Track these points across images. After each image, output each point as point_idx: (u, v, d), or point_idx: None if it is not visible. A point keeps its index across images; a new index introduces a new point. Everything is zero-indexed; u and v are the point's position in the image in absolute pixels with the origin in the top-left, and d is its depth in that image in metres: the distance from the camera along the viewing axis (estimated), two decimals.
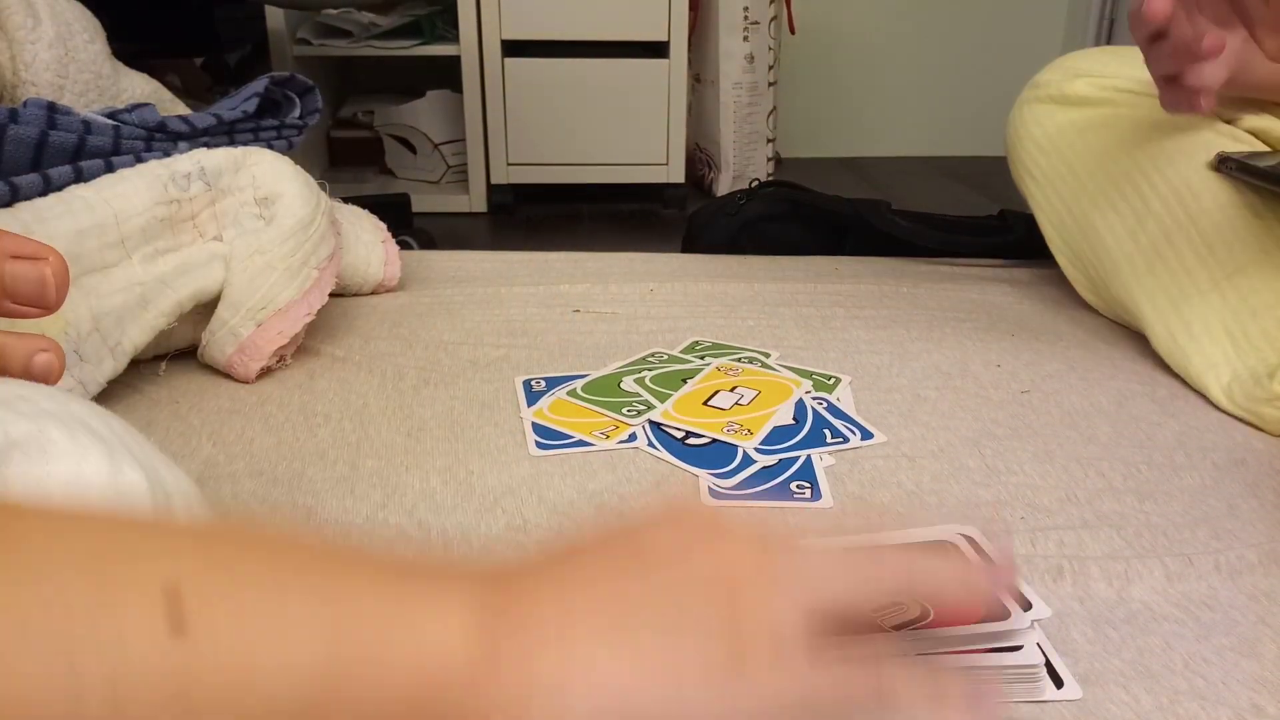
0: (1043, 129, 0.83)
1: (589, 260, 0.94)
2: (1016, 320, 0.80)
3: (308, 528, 0.26)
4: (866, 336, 0.75)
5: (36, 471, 0.30)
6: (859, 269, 0.93)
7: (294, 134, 0.78)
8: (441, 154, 2.26)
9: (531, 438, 0.59)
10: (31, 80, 0.72)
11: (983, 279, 0.90)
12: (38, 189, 0.60)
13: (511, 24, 2.04)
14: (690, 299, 0.83)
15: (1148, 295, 0.72)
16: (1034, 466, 0.56)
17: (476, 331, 0.76)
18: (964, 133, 2.80)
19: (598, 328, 0.77)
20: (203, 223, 0.66)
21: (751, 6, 2.18)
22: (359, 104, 2.37)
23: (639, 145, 2.17)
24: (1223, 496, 0.53)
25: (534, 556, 0.29)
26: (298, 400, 0.64)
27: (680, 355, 0.71)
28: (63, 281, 0.39)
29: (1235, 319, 0.67)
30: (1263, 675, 0.39)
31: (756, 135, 2.29)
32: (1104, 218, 0.77)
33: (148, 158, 0.66)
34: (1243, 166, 0.68)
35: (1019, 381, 0.68)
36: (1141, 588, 0.45)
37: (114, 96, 0.78)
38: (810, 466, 0.55)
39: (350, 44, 2.10)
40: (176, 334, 0.67)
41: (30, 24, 0.72)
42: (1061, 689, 0.38)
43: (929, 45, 2.73)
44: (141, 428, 0.51)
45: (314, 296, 0.68)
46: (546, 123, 2.13)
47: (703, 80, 2.31)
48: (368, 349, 0.72)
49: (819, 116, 2.77)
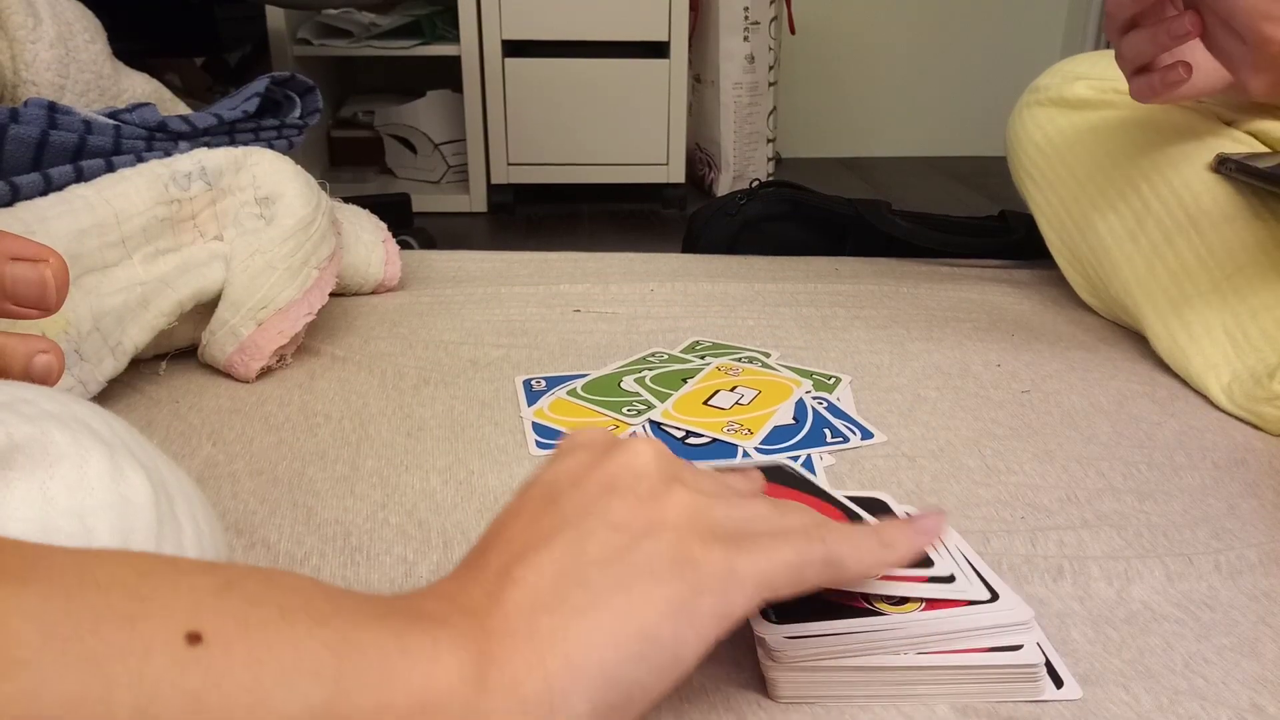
0: (1043, 132, 0.83)
1: (589, 260, 0.94)
2: (1016, 320, 0.80)
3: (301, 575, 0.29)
4: (866, 336, 0.75)
5: (39, 474, 0.30)
6: (859, 269, 0.93)
7: (294, 134, 0.78)
8: (441, 154, 2.26)
9: (532, 437, 0.59)
10: (32, 80, 0.72)
11: (983, 279, 0.91)
12: (38, 188, 0.60)
13: (511, 24, 2.05)
14: (690, 299, 0.83)
15: (1148, 296, 0.72)
16: (1034, 466, 0.56)
17: (476, 331, 0.76)
18: (964, 133, 2.80)
19: (598, 327, 0.77)
20: (203, 222, 0.66)
21: (751, 6, 2.18)
22: (359, 104, 2.38)
23: (639, 145, 2.17)
24: (1223, 496, 0.53)
25: (480, 554, 0.32)
26: (298, 400, 0.64)
27: (680, 355, 0.71)
28: (63, 283, 0.39)
29: (1235, 319, 0.67)
30: (1263, 675, 0.39)
31: (756, 135, 2.29)
32: (1104, 219, 0.77)
33: (148, 157, 0.66)
34: (1243, 167, 0.68)
35: (1019, 381, 0.68)
36: (1141, 587, 0.45)
37: (115, 96, 0.78)
38: (810, 466, 0.55)
39: (350, 44, 2.10)
40: (177, 333, 0.67)
41: (31, 24, 0.72)
42: (1061, 689, 0.38)
43: (929, 45, 2.74)
44: (141, 427, 0.51)
45: (314, 296, 0.68)
46: (546, 123, 2.13)
47: (703, 80, 2.32)
48: (368, 349, 0.72)
49: (819, 116, 2.77)
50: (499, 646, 0.28)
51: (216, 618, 0.24)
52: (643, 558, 0.31)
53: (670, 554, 0.31)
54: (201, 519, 0.34)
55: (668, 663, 0.30)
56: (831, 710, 0.37)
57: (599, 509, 0.32)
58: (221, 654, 0.24)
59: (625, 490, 0.33)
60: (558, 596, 0.30)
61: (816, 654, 0.36)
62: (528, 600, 0.30)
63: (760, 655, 0.37)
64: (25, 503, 0.29)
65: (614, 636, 0.29)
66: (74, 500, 0.30)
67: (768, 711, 0.37)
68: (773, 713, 0.37)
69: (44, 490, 0.29)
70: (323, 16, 2.10)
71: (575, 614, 0.29)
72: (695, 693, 0.38)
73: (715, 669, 0.39)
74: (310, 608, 0.26)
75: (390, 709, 0.26)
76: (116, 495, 0.31)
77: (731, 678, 0.38)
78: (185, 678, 0.23)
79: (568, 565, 0.31)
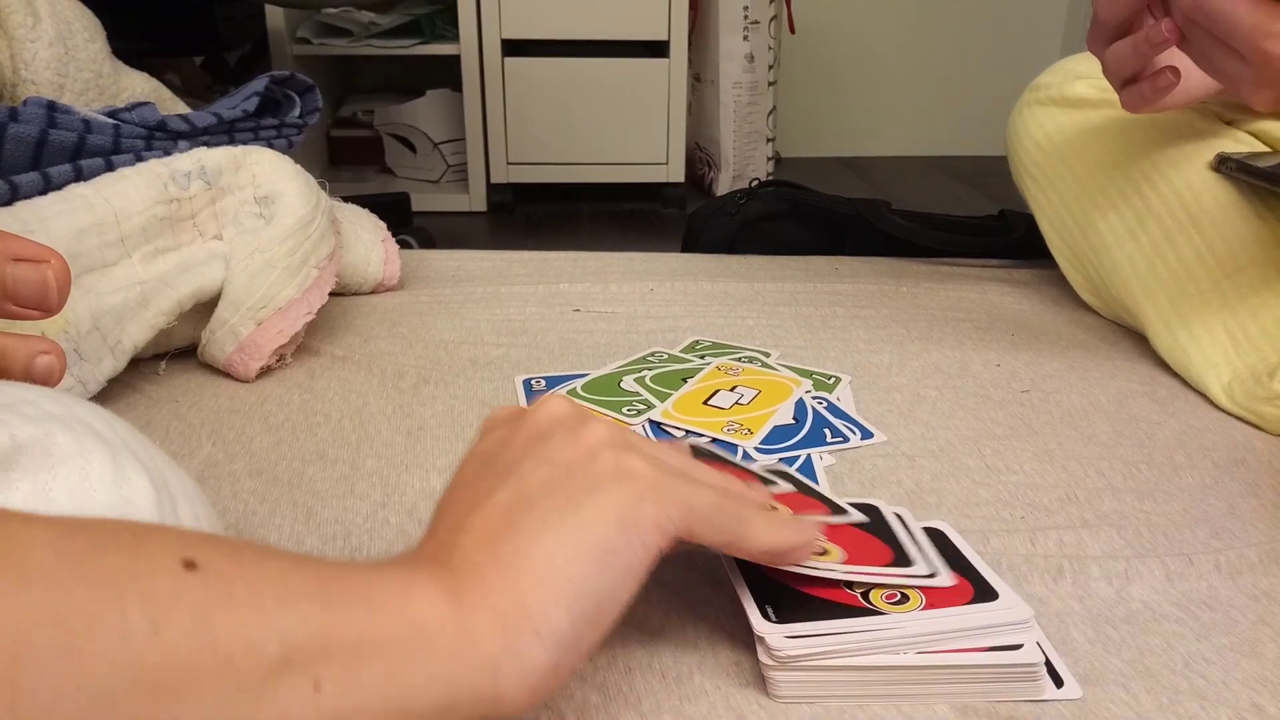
0: (1044, 131, 0.83)
1: (589, 259, 0.94)
2: (1016, 320, 0.80)
3: None
4: (866, 336, 0.75)
5: (42, 475, 0.30)
6: (859, 269, 0.93)
7: (294, 133, 0.78)
8: (441, 153, 2.26)
9: None
10: (31, 79, 0.72)
11: (983, 279, 0.91)
12: (37, 188, 0.60)
13: (511, 23, 2.04)
14: (690, 298, 0.83)
15: (1148, 295, 0.72)
16: (1034, 466, 0.56)
17: (476, 331, 0.76)
18: (964, 133, 2.80)
19: (598, 327, 0.77)
20: (203, 221, 0.66)
21: (751, 6, 2.18)
22: (359, 103, 2.37)
23: (639, 145, 2.17)
24: (1223, 496, 0.53)
25: (430, 530, 0.34)
26: (298, 399, 0.64)
27: (680, 354, 0.71)
28: (64, 284, 0.39)
29: (1235, 318, 0.67)
30: (1263, 674, 0.39)
31: (756, 135, 2.29)
32: (1104, 218, 0.77)
33: (148, 156, 0.66)
34: (1243, 167, 0.68)
35: (1019, 381, 0.68)
36: (1141, 587, 0.45)
37: (114, 95, 0.78)
38: (810, 466, 0.55)
39: (350, 43, 2.10)
40: (176, 333, 0.67)
41: (30, 23, 0.72)
42: (1061, 688, 0.38)
43: (929, 45, 2.74)
44: (141, 426, 0.51)
45: (314, 295, 0.68)
46: (546, 122, 2.13)
47: (703, 80, 2.31)
48: (368, 348, 0.72)
49: (819, 116, 2.77)
50: (468, 578, 0.30)
51: (207, 550, 0.25)
52: (583, 477, 0.33)
53: (608, 469, 0.34)
54: (203, 520, 0.34)
55: (624, 571, 0.32)
56: (831, 710, 0.37)
57: (532, 454, 0.34)
58: (218, 577, 0.25)
59: (550, 434, 0.35)
60: (511, 527, 0.31)
61: (816, 654, 0.36)
62: (485, 536, 0.31)
63: (760, 655, 0.37)
64: (28, 504, 0.29)
65: (574, 550, 0.31)
66: (76, 502, 0.30)
67: (768, 711, 0.37)
68: (773, 713, 0.37)
69: (46, 492, 0.29)
70: (322, 16, 2.10)
71: (533, 536, 0.31)
72: (695, 693, 0.38)
73: (715, 669, 0.39)
74: (286, 553, 0.28)
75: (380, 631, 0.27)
76: (119, 497, 0.31)
77: (731, 678, 0.38)
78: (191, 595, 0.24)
79: (514, 502, 0.32)
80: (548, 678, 0.29)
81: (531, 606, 0.29)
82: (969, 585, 0.40)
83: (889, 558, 0.41)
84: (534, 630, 0.29)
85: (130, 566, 0.24)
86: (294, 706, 0.25)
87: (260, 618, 0.25)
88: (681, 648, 0.40)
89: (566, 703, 0.37)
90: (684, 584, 0.44)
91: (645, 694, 0.38)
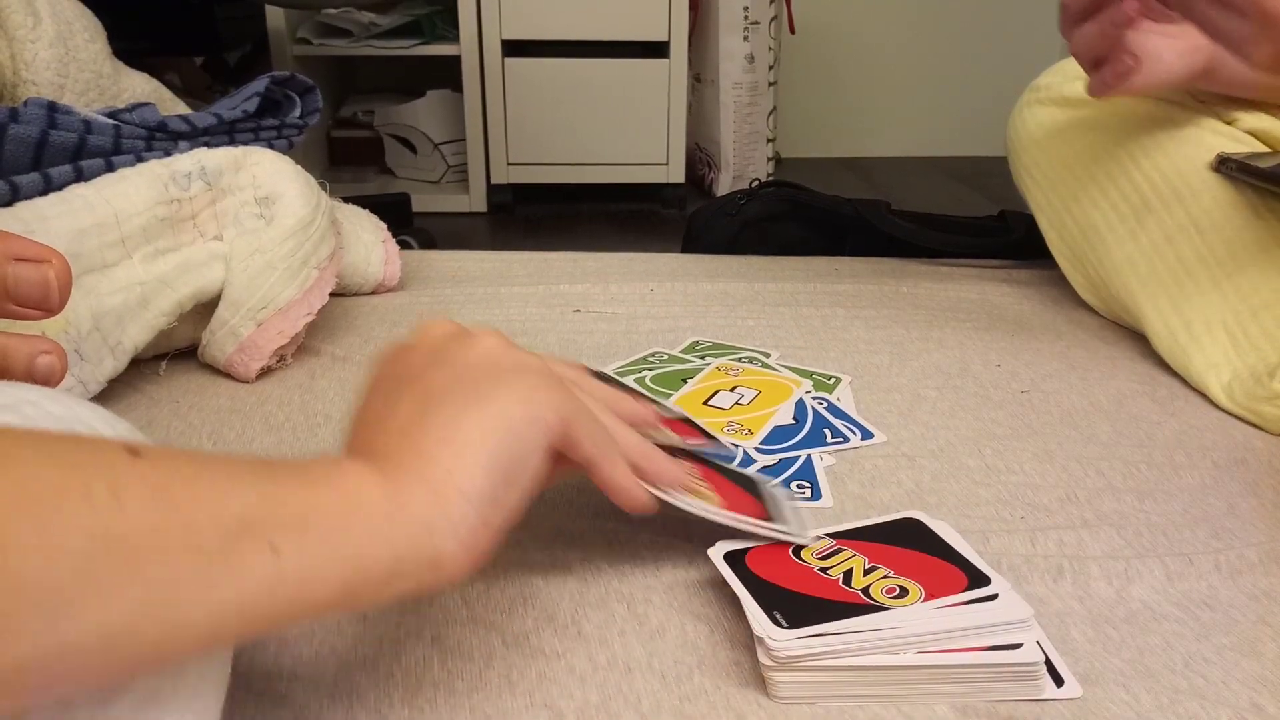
0: (1044, 131, 0.83)
1: (589, 260, 0.94)
2: (1016, 320, 0.80)
3: None
4: (866, 336, 0.75)
5: None
6: (859, 269, 0.93)
7: (294, 133, 0.78)
8: (441, 154, 2.26)
9: None
10: (32, 79, 0.72)
11: (983, 279, 0.91)
12: (38, 188, 0.60)
13: (511, 24, 2.04)
14: (690, 299, 0.83)
15: (1148, 295, 0.72)
16: (1034, 466, 0.56)
17: None
18: (964, 133, 2.80)
19: (598, 327, 0.77)
20: (203, 222, 0.66)
21: (751, 6, 2.18)
22: (359, 103, 2.37)
23: (639, 145, 2.17)
24: (1223, 496, 0.53)
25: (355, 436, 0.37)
26: (298, 400, 0.64)
27: (680, 355, 0.71)
28: (65, 284, 0.39)
29: (1235, 318, 0.67)
30: (1263, 674, 0.39)
31: (756, 135, 2.29)
32: (1104, 218, 0.77)
33: (148, 157, 0.66)
34: (1243, 167, 0.68)
35: (1019, 381, 0.68)
36: (1141, 587, 0.45)
37: (114, 96, 0.78)
38: (810, 466, 0.55)
39: (350, 43, 2.10)
40: (177, 333, 0.67)
41: (30, 23, 0.72)
42: (1062, 687, 0.38)
43: (929, 45, 2.74)
44: (142, 427, 0.51)
45: (314, 296, 0.68)
46: (546, 123, 2.13)
47: (703, 80, 2.32)
48: (368, 349, 0.72)
49: (819, 116, 2.77)
50: (392, 460, 0.32)
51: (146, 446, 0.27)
52: (483, 374, 0.36)
53: (506, 365, 0.37)
54: None
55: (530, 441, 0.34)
56: (831, 710, 0.37)
57: (430, 364, 0.37)
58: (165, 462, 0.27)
59: (442, 347, 0.38)
60: (422, 423, 0.34)
61: (816, 654, 0.36)
62: (400, 432, 0.34)
63: (760, 656, 0.37)
64: None
65: (484, 426, 0.33)
66: None
67: (768, 711, 0.37)
68: (773, 713, 0.37)
69: None
70: (323, 16, 2.10)
71: (445, 423, 0.33)
72: (695, 693, 0.38)
73: (715, 669, 0.39)
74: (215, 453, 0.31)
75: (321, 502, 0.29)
76: None
77: (731, 678, 0.38)
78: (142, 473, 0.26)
79: (422, 401, 0.35)
80: (477, 532, 0.32)
81: (452, 471, 0.32)
82: (960, 572, 0.40)
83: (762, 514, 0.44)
84: (457, 489, 0.32)
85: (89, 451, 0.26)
86: (257, 568, 0.27)
87: (213, 491, 0.27)
88: (681, 648, 0.40)
89: (566, 702, 0.37)
90: (684, 584, 0.44)
91: (645, 694, 0.38)
